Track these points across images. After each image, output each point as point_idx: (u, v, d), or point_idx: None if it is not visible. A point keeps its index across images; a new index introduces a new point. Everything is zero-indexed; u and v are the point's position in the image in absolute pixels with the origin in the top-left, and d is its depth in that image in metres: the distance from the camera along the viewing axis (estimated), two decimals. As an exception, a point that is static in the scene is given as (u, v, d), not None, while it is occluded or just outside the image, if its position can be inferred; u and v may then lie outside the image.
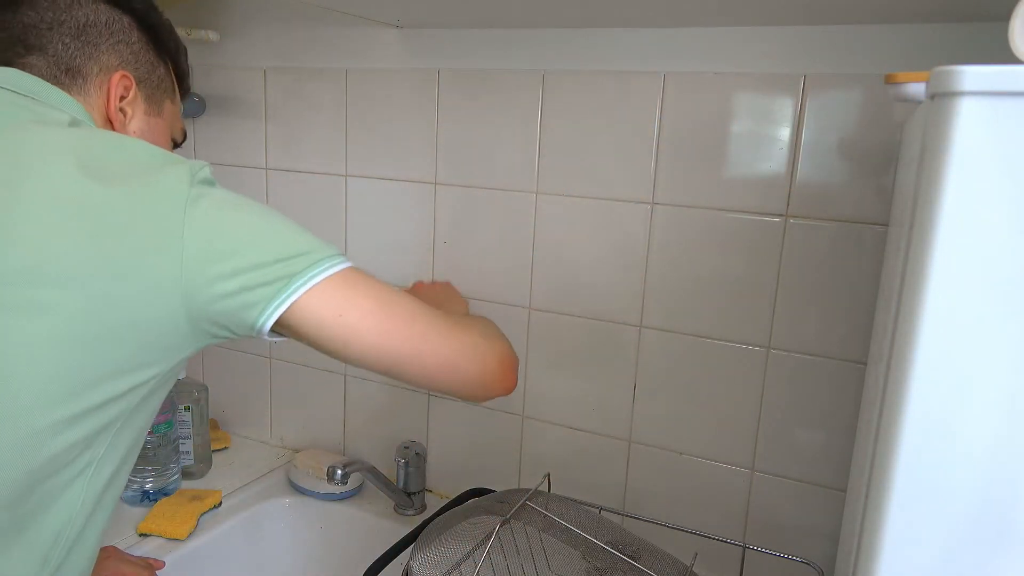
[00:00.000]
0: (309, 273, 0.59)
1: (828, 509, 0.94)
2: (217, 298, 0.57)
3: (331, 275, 0.61)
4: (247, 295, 0.58)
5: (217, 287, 0.57)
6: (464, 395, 0.71)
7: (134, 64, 0.71)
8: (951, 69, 0.39)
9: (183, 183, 0.58)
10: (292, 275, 0.59)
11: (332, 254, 0.62)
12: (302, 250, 0.60)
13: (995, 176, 0.39)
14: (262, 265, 0.58)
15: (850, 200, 0.87)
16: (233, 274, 0.57)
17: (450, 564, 0.77)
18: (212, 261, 0.57)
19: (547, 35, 1.00)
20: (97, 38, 0.68)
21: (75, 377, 0.55)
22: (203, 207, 0.57)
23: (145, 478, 1.09)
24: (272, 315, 0.59)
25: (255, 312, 0.59)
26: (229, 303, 0.58)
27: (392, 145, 1.12)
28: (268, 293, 0.58)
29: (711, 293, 0.95)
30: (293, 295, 0.59)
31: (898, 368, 0.43)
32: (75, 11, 0.67)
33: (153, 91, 0.74)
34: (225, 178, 1.27)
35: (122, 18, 0.70)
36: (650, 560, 0.77)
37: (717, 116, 0.91)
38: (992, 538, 0.43)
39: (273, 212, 0.63)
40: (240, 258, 0.58)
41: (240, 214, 0.60)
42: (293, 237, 0.61)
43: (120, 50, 0.70)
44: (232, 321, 0.59)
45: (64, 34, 0.67)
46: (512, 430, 1.12)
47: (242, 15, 1.20)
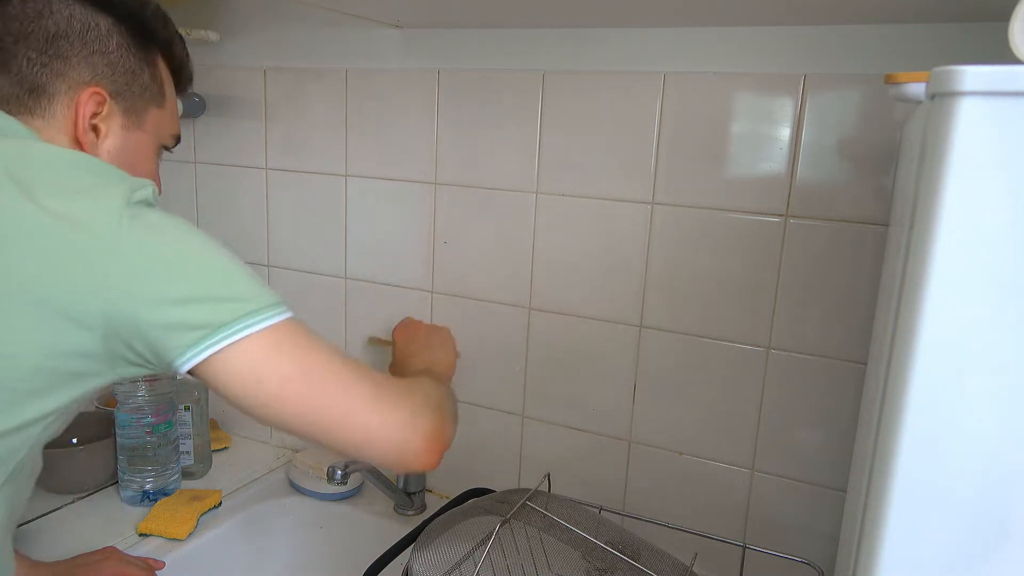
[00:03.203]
0: (239, 324, 0.56)
1: (828, 509, 0.94)
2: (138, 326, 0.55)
3: (260, 330, 0.57)
4: (169, 334, 0.55)
5: (142, 313, 0.55)
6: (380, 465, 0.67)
7: (109, 76, 0.66)
8: (951, 69, 0.39)
9: (117, 202, 0.55)
10: (219, 324, 0.56)
11: (267, 304, 0.58)
12: (236, 295, 0.57)
13: (995, 176, 0.39)
14: (191, 300, 0.56)
15: (850, 200, 0.86)
16: (160, 302, 0.55)
17: (450, 564, 0.77)
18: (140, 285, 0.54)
19: (547, 35, 1.00)
20: (67, 50, 0.63)
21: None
22: (137, 228, 0.55)
23: (145, 478, 1.09)
24: (189, 362, 0.56)
25: (173, 353, 0.56)
26: (150, 334, 0.55)
27: (392, 145, 1.12)
28: (190, 338, 0.55)
29: (711, 293, 0.95)
30: (215, 347, 0.55)
31: (898, 368, 0.43)
32: (44, 20, 0.62)
33: (133, 102, 0.68)
34: (225, 178, 1.27)
35: (99, 22, 0.65)
36: (650, 560, 0.77)
37: (717, 116, 0.91)
38: (992, 538, 0.43)
39: (215, 245, 0.59)
40: (170, 287, 0.55)
41: (178, 240, 0.57)
42: (230, 277, 0.58)
43: (94, 62, 0.65)
44: (150, 352, 0.57)
45: (30, 48, 0.62)
46: (512, 430, 1.12)
47: (242, 15, 1.20)
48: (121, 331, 0.55)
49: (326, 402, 0.61)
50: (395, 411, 0.64)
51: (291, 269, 1.24)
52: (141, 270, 0.55)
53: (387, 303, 1.17)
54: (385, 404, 0.63)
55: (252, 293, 0.58)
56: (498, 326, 1.09)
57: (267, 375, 0.58)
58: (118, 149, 0.68)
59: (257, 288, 0.59)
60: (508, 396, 1.11)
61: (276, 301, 0.60)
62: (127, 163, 0.68)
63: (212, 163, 1.27)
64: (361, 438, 0.63)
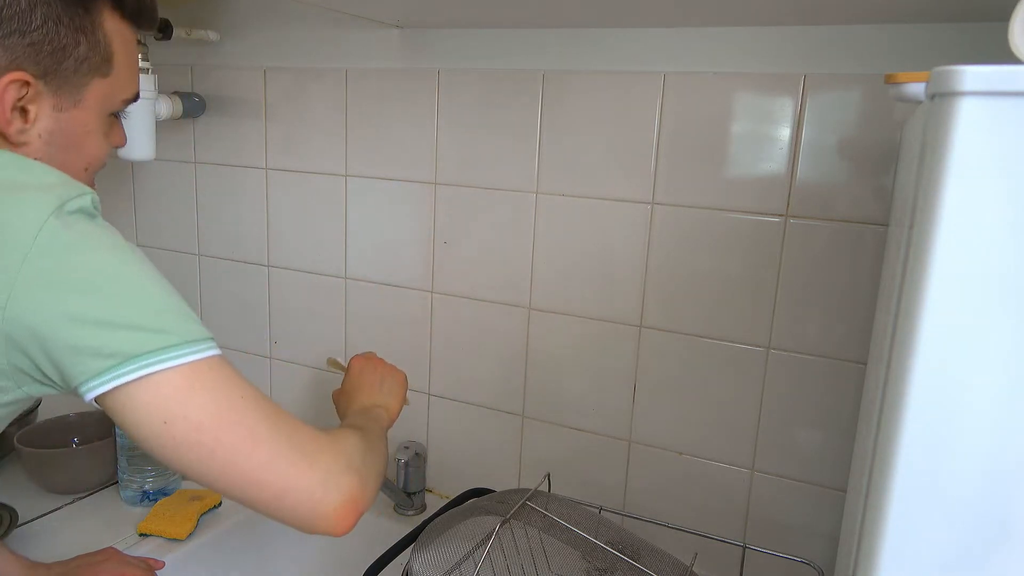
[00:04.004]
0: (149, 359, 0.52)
1: (828, 509, 0.94)
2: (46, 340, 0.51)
3: (175, 366, 0.53)
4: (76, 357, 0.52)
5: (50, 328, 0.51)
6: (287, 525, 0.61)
7: (33, 58, 0.59)
8: (951, 69, 0.39)
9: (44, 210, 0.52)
10: (130, 355, 0.52)
11: (188, 339, 0.54)
12: (155, 325, 0.53)
13: (995, 176, 0.39)
14: (104, 324, 0.52)
15: (850, 200, 0.87)
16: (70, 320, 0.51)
17: (450, 564, 0.77)
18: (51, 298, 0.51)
19: (547, 35, 1.00)
20: None
21: None
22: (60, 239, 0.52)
23: (145, 478, 1.09)
24: (94, 390, 0.52)
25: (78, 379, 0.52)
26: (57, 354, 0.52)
27: (392, 145, 1.12)
28: (97, 366, 0.52)
29: (711, 293, 0.95)
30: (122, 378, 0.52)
31: (898, 368, 0.43)
32: None
33: (66, 79, 0.61)
34: (225, 178, 1.27)
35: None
36: (650, 560, 0.77)
37: (717, 116, 0.91)
38: (992, 538, 0.43)
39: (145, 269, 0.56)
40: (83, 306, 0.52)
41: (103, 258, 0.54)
42: (152, 305, 0.54)
43: (11, 44, 0.58)
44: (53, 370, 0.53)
45: None
46: (512, 430, 1.12)
47: (242, 15, 1.20)
48: (25, 345, 0.52)
49: (235, 455, 0.55)
50: (310, 471, 0.58)
51: (291, 269, 1.24)
52: (54, 282, 0.51)
53: (387, 303, 1.17)
54: (299, 463, 0.58)
55: (174, 325, 0.54)
56: (498, 326, 1.09)
57: (174, 417, 0.53)
58: (51, 131, 0.62)
59: (181, 321, 0.55)
60: (508, 396, 1.11)
61: (200, 336, 0.56)
62: (64, 146, 0.64)
63: (212, 163, 1.27)
64: (269, 496, 0.57)
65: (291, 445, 0.58)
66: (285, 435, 0.58)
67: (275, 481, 0.57)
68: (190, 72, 1.26)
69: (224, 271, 1.30)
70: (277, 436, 0.57)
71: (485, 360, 1.11)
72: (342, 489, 0.59)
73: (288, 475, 0.57)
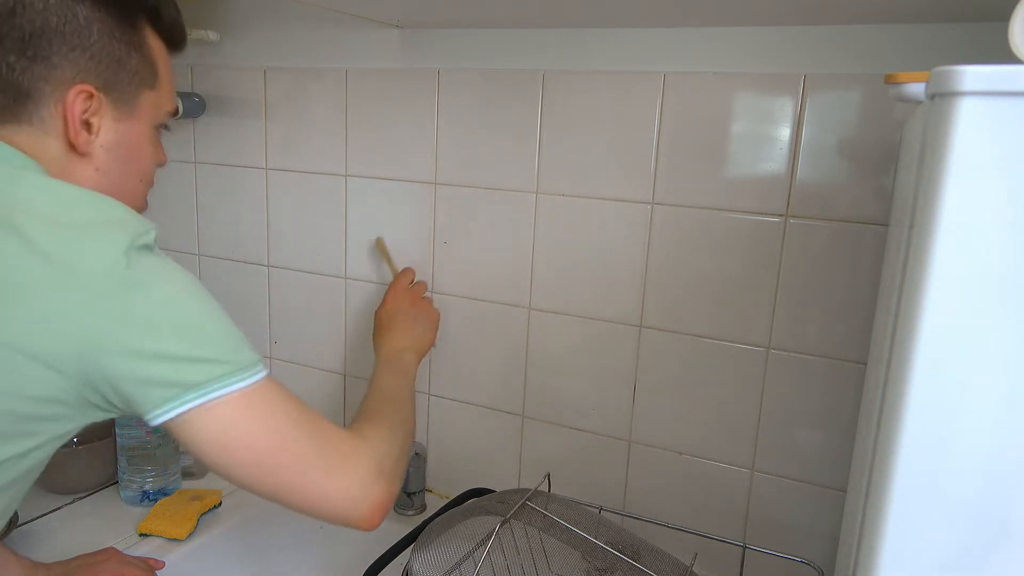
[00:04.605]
0: (208, 388, 0.57)
1: (828, 509, 0.94)
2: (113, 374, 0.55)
3: (234, 392, 0.58)
4: (142, 389, 0.56)
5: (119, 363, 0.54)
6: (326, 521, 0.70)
7: (95, 71, 0.62)
8: (951, 69, 0.39)
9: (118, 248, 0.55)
10: (190, 385, 0.56)
11: (244, 366, 0.59)
12: (217, 355, 0.58)
13: (995, 176, 0.39)
14: (167, 358, 0.56)
15: (850, 200, 0.86)
16: (139, 355, 0.55)
17: (450, 564, 0.77)
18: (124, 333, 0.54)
19: (547, 35, 1.00)
20: (47, 50, 0.59)
21: None
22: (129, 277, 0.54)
23: (145, 478, 1.09)
24: (159, 418, 0.57)
25: (145, 408, 0.57)
26: (123, 385, 0.55)
27: (392, 145, 1.12)
28: (162, 396, 0.56)
29: (711, 293, 0.95)
30: (184, 406, 0.56)
31: (898, 368, 0.43)
32: (19, 18, 0.58)
33: (123, 91, 0.65)
34: (225, 178, 1.27)
35: (76, 12, 0.60)
36: (650, 560, 0.77)
37: (717, 116, 0.91)
38: (992, 538, 0.43)
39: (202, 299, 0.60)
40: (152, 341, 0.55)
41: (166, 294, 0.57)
42: (210, 336, 0.58)
43: (75, 58, 0.61)
44: (121, 401, 0.57)
45: (8, 51, 0.59)
46: (512, 430, 1.12)
47: (242, 15, 1.20)
48: (95, 380, 0.55)
49: (284, 473, 0.63)
50: (346, 482, 0.66)
51: (291, 269, 1.24)
52: (123, 321, 0.54)
53: (387, 303, 1.17)
54: (340, 477, 0.66)
55: (229, 354, 0.59)
56: (498, 326, 1.09)
57: (233, 443, 0.60)
58: (113, 143, 0.65)
59: (235, 349, 0.60)
60: (508, 396, 1.11)
61: (252, 361, 0.61)
62: (124, 157, 0.67)
63: (212, 163, 1.27)
64: (312, 505, 0.66)
65: (331, 458, 0.66)
66: (327, 449, 0.66)
67: (318, 492, 0.65)
68: (190, 72, 1.25)
69: (224, 271, 1.30)
70: (320, 452, 0.65)
71: (485, 360, 1.11)
72: (373, 497, 0.68)
73: (328, 487, 0.65)
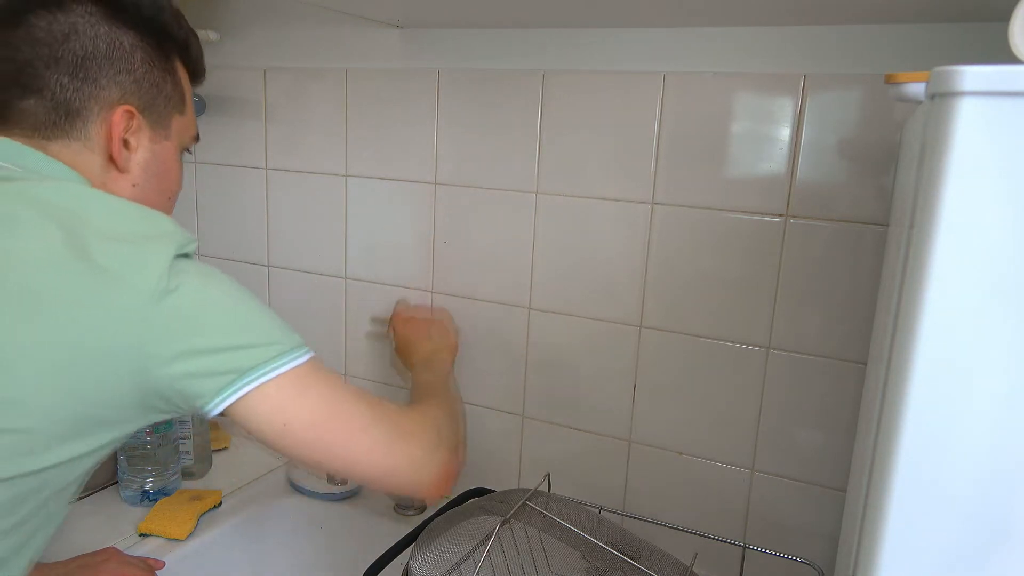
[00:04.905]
0: (264, 368, 0.59)
1: (828, 509, 0.94)
2: (173, 377, 0.57)
3: (286, 372, 0.60)
4: (201, 381, 0.58)
5: (176, 365, 0.57)
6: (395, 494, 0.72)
7: (137, 93, 0.67)
8: (951, 69, 0.39)
9: (165, 258, 0.57)
10: (247, 368, 0.59)
11: (291, 347, 0.62)
12: (263, 339, 0.60)
13: (995, 176, 0.39)
14: (222, 349, 0.58)
15: (850, 200, 0.86)
16: (193, 354, 0.57)
17: (450, 564, 0.77)
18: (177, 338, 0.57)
19: (547, 35, 1.00)
20: (96, 72, 0.64)
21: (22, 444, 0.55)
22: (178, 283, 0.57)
23: (145, 478, 1.09)
24: (219, 405, 0.59)
25: (204, 399, 0.59)
26: (182, 384, 0.58)
27: (392, 145, 1.12)
28: (220, 383, 0.58)
29: (711, 293, 0.95)
30: (243, 389, 0.59)
31: (898, 368, 0.43)
32: (72, 43, 0.63)
33: (159, 114, 0.70)
34: (225, 178, 1.27)
35: (123, 40, 0.66)
36: (650, 560, 0.77)
37: (717, 116, 0.91)
38: (992, 538, 0.43)
39: (240, 292, 0.63)
40: (203, 338, 0.58)
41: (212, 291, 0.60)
42: (257, 323, 0.61)
43: (121, 81, 0.66)
44: (181, 400, 0.59)
45: (61, 72, 0.63)
46: (512, 430, 1.12)
47: (242, 15, 1.20)
48: (156, 385, 0.57)
49: (349, 444, 0.65)
50: (411, 449, 0.68)
51: (291, 269, 1.24)
52: (169, 329, 0.56)
53: (387, 303, 1.17)
54: (401, 443, 0.68)
55: (276, 337, 0.61)
56: (498, 326, 1.09)
57: (292, 419, 0.61)
58: (147, 161, 0.70)
59: (280, 331, 0.62)
60: (508, 396, 1.11)
61: (299, 343, 0.63)
62: (157, 173, 0.71)
63: (212, 163, 1.27)
64: (380, 474, 0.68)
65: (391, 429, 0.68)
66: (385, 420, 0.67)
67: (382, 462, 0.66)
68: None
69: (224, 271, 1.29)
70: (379, 422, 0.67)
71: (485, 360, 1.11)
72: (438, 463, 0.70)
73: (392, 456, 0.67)
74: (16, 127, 0.64)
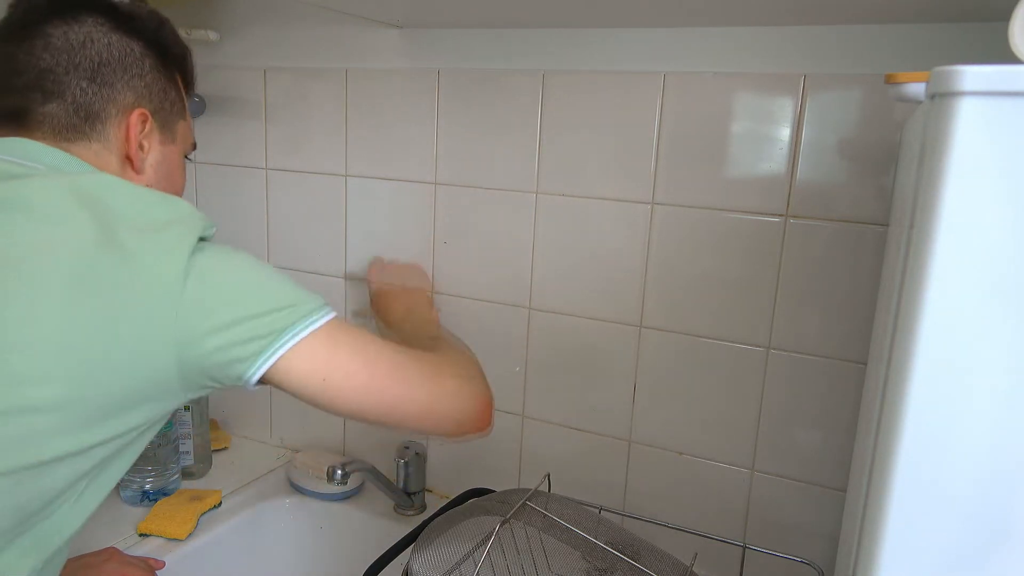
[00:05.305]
0: (294, 329, 0.61)
1: (828, 509, 0.94)
2: (209, 352, 0.59)
3: (315, 330, 0.62)
4: (236, 349, 0.59)
5: (209, 341, 0.58)
6: (439, 435, 0.73)
7: (148, 97, 0.71)
8: (951, 69, 0.39)
9: (187, 240, 0.59)
10: (278, 331, 0.61)
11: (316, 307, 0.64)
12: (288, 302, 0.62)
13: (995, 176, 0.39)
14: (250, 318, 0.60)
15: (850, 200, 0.86)
16: (224, 327, 0.59)
17: (450, 564, 0.77)
18: (205, 316, 0.58)
19: (547, 35, 1.00)
20: (112, 77, 0.68)
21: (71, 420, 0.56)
22: (200, 265, 0.59)
23: (145, 478, 1.09)
24: (259, 370, 0.61)
25: (243, 366, 0.60)
26: (219, 356, 0.59)
27: (392, 145, 1.12)
28: (256, 348, 0.60)
29: (711, 293, 0.95)
30: (279, 351, 0.61)
31: (898, 368, 0.43)
32: (88, 50, 0.66)
33: (167, 118, 0.73)
34: (225, 178, 1.27)
35: (133, 48, 0.69)
36: (650, 560, 0.77)
37: (717, 116, 0.91)
38: (992, 538, 0.43)
39: (259, 263, 0.65)
40: (232, 311, 0.60)
41: (233, 267, 0.62)
42: (279, 289, 0.63)
43: (135, 85, 0.69)
44: (221, 373, 0.61)
45: (81, 77, 0.66)
46: (512, 430, 1.12)
47: (242, 15, 1.20)
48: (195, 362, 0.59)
49: (388, 387, 0.67)
50: (446, 382, 0.71)
51: (291, 269, 1.24)
52: (206, 305, 0.58)
53: (387, 303, 1.17)
54: (437, 379, 0.70)
55: (301, 298, 0.63)
56: (498, 326, 1.09)
57: (330, 373, 0.63)
58: (158, 163, 0.73)
59: (304, 293, 0.64)
60: (508, 396, 1.11)
61: (322, 302, 0.65)
62: (166, 174, 0.74)
63: (212, 163, 1.27)
64: (424, 411, 0.69)
65: (423, 368, 0.70)
66: (416, 361, 0.70)
67: (424, 399, 0.69)
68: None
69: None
70: (411, 363, 0.69)
71: (485, 360, 1.11)
72: (476, 392, 0.73)
73: (432, 392, 0.69)
74: (38, 131, 0.66)
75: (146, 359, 0.57)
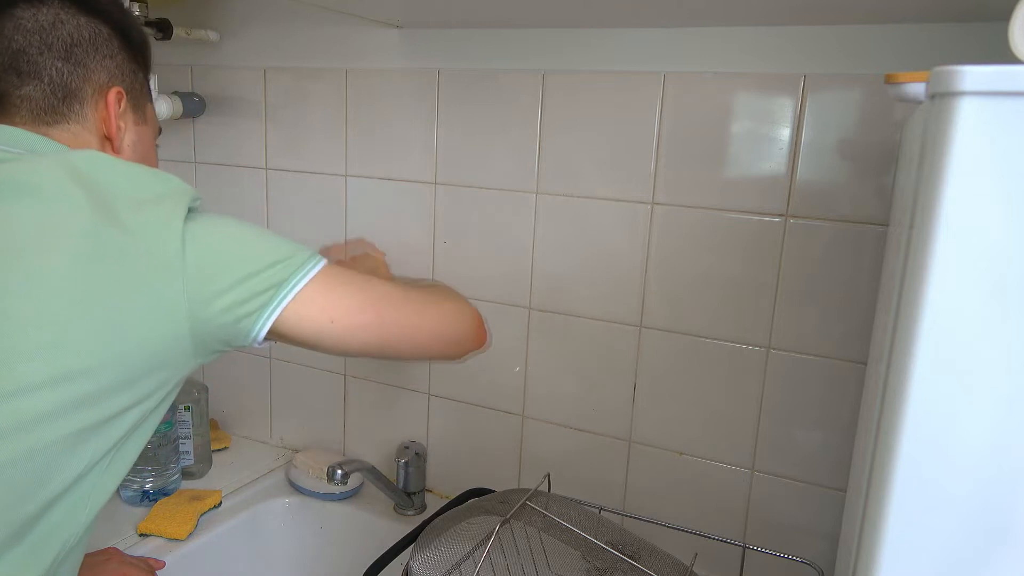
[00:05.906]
0: (293, 280, 0.63)
1: (828, 509, 0.94)
2: (216, 314, 0.60)
3: (312, 277, 0.64)
4: (241, 307, 0.61)
5: (216, 303, 0.60)
6: (445, 358, 0.77)
7: (120, 77, 0.71)
8: (951, 69, 0.39)
9: (180, 211, 0.60)
10: (277, 284, 0.62)
11: (308, 256, 0.65)
12: (282, 256, 0.64)
13: (995, 176, 0.39)
14: (249, 276, 0.61)
15: (850, 200, 0.87)
16: (228, 288, 0.60)
17: (450, 564, 0.77)
18: (208, 281, 0.60)
19: (547, 35, 1.00)
20: (85, 57, 0.68)
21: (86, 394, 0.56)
22: (194, 233, 0.60)
23: (145, 478, 1.09)
24: (266, 324, 0.62)
25: (250, 322, 0.62)
26: (226, 317, 0.61)
27: (392, 145, 1.12)
28: (259, 303, 0.62)
29: (711, 293, 0.95)
30: (283, 302, 0.62)
31: (898, 368, 0.43)
32: (60, 31, 0.66)
33: (137, 99, 0.74)
34: (225, 178, 1.27)
35: (102, 29, 0.69)
36: (650, 560, 0.77)
37: (717, 116, 0.91)
38: (992, 538, 0.43)
39: (246, 224, 0.65)
40: (232, 272, 0.61)
41: (225, 231, 0.63)
42: (271, 245, 0.64)
43: (107, 65, 0.70)
44: (230, 334, 0.62)
45: (55, 57, 0.66)
46: (512, 430, 1.12)
47: (242, 15, 1.20)
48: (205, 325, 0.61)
49: (393, 316, 0.70)
50: (444, 304, 0.75)
51: (291, 269, 1.24)
52: (207, 271, 0.60)
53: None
54: (434, 302, 0.74)
55: (294, 250, 0.65)
56: (498, 326, 1.09)
57: (336, 312, 0.65)
58: (134, 143, 0.73)
59: (294, 245, 0.66)
60: (508, 396, 1.11)
61: (313, 252, 0.66)
62: (142, 154, 0.75)
63: (212, 163, 1.27)
64: (429, 338, 0.73)
65: (420, 298, 0.74)
66: (413, 293, 0.73)
67: (426, 327, 0.72)
68: (190, 72, 1.26)
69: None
70: (408, 295, 0.72)
71: (485, 360, 1.11)
72: (470, 310, 0.78)
73: (432, 319, 0.73)
74: (16, 115, 0.66)
75: (161, 327, 0.58)
